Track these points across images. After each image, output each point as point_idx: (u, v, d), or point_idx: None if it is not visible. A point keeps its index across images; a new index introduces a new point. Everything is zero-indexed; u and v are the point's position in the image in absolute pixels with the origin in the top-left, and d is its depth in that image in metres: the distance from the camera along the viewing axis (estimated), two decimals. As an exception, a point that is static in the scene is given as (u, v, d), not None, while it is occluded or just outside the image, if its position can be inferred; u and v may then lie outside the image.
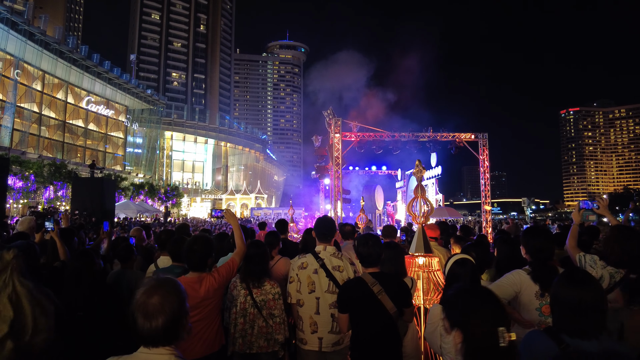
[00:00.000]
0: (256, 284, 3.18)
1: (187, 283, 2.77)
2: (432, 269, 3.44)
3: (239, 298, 3.20)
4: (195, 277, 2.84)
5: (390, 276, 2.68)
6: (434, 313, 2.31)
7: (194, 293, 2.75)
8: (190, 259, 2.86)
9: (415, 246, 3.50)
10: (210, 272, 2.90)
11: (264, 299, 3.15)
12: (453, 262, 2.45)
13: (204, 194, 68.87)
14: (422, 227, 3.55)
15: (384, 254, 2.78)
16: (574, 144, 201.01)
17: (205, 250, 2.86)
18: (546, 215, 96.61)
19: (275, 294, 3.17)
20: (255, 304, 3.13)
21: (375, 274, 2.65)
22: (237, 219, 3.30)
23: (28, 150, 37.61)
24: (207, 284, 2.81)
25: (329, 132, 15.62)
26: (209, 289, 2.81)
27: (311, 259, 3.13)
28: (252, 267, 3.21)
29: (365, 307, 2.57)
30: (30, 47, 37.06)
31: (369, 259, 2.69)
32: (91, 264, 3.10)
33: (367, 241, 2.72)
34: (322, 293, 3.01)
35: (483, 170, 16.18)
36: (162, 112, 62.21)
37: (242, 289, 3.21)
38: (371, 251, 2.68)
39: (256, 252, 3.26)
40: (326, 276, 3.02)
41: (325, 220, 3.30)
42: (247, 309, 3.15)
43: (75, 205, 19.05)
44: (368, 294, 2.55)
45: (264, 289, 3.18)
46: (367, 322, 2.57)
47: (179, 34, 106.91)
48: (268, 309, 3.14)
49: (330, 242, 3.20)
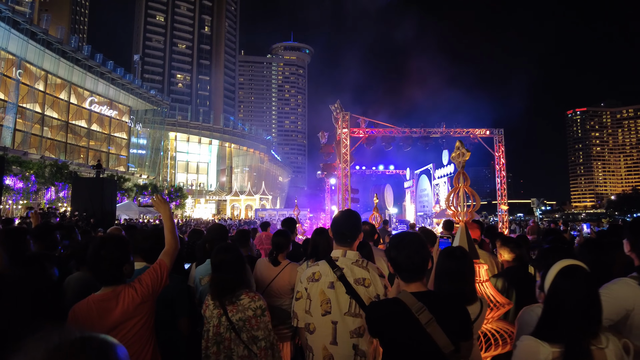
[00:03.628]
0: (231, 299, 2.43)
1: (97, 302, 2.11)
2: (480, 279, 2.66)
3: (212, 320, 2.46)
4: (109, 292, 2.14)
5: (444, 298, 1.88)
6: (529, 350, 1.53)
7: (107, 314, 2.08)
8: (98, 269, 2.14)
9: (458, 250, 2.72)
10: (129, 284, 2.19)
11: (243, 317, 2.39)
12: (558, 273, 1.62)
13: (208, 195, 68.22)
14: (465, 226, 2.77)
15: (445, 265, 1.99)
16: (580, 144, 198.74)
17: (117, 255, 2.15)
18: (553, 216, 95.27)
19: (256, 308, 2.41)
20: (232, 325, 2.38)
21: (420, 294, 1.84)
22: (169, 207, 2.62)
23: (30, 150, 37.16)
24: (125, 300, 2.11)
25: (336, 128, 14.83)
26: (129, 305, 2.11)
27: (326, 268, 2.29)
28: (221, 278, 2.48)
29: (406, 343, 1.78)
30: (32, 47, 36.65)
31: (410, 270, 1.87)
32: (37, 273, 2.37)
33: (404, 243, 1.89)
34: (340, 316, 2.18)
35: (499, 167, 15.31)
36: (166, 113, 61.77)
37: (214, 308, 2.47)
38: (414, 258, 1.86)
39: (224, 259, 2.52)
40: (346, 292, 2.19)
41: (347, 215, 2.43)
42: (222, 334, 2.41)
43: (76, 206, 18.49)
44: (410, 325, 1.76)
45: (241, 303, 2.42)
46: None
47: (184, 35, 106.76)
48: (249, 331, 2.37)
49: (353, 246, 2.36)
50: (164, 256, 2.41)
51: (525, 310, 2.06)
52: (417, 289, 1.87)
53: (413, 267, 1.87)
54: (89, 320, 2.08)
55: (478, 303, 2.15)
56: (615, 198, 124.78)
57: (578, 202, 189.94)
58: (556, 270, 1.59)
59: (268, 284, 3.34)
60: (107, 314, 2.07)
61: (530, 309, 2.05)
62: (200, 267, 3.31)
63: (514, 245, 3.20)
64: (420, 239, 1.91)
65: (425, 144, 15.12)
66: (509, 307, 2.66)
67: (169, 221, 2.52)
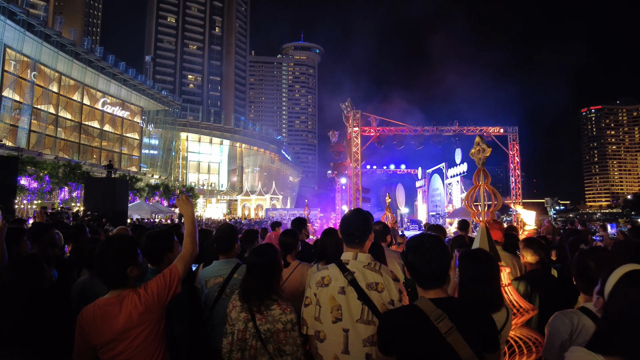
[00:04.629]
0: (260, 307, 2.24)
1: (102, 306, 1.98)
2: (502, 283, 2.48)
3: (237, 324, 2.27)
4: (114, 296, 2.01)
5: (466, 305, 1.71)
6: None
7: (112, 320, 1.95)
8: (102, 271, 2.02)
9: (478, 252, 2.54)
10: (135, 289, 2.04)
11: (271, 329, 2.20)
12: (622, 277, 1.37)
13: (219, 195, 68.58)
14: (486, 226, 2.59)
15: (470, 270, 1.82)
16: (595, 142, 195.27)
17: (121, 257, 2.01)
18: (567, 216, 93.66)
19: (287, 322, 2.20)
20: (259, 334, 2.19)
21: (440, 300, 1.68)
22: (193, 209, 2.43)
23: (44, 151, 37.67)
24: (128, 307, 1.97)
25: (347, 127, 14.64)
26: (131, 313, 1.96)
27: (335, 272, 2.13)
28: (249, 282, 2.29)
29: (424, 355, 1.62)
30: (47, 49, 37.13)
31: (429, 278, 1.71)
32: (32, 275, 2.25)
33: (424, 248, 1.72)
34: (352, 323, 2.03)
35: (513, 166, 14.98)
36: (177, 113, 62.21)
37: (242, 311, 2.27)
38: (433, 265, 1.68)
39: (255, 262, 2.31)
40: (358, 298, 2.03)
41: (357, 214, 2.26)
42: (246, 340, 2.22)
43: (88, 205, 18.63)
44: (429, 334, 1.60)
45: (270, 314, 2.22)
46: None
47: (195, 36, 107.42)
48: (276, 343, 2.19)
49: (363, 247, 2.19)
50: (179, 262, 2.21)
51: (557, 316, 1.88)
52: (436, 296, 1.70)
53: (432, 275, 1.71)
54: (93, 325, 1.97)
55: (504, 310, 1.98)
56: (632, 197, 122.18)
57: (593, 201, 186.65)
58: (619, 275, 1.40)
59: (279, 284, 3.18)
60: (111, 320, 1.95)
61: (562, 315, 1.87)
62: (207, 269, 3.17)
63: (538, 246, 3.00)
64: (441, 244, 1.74)
65: (437, 142, 14.85)
66: (533, 313, 2.48)
67: (190, 224, 2.32)
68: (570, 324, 1.83)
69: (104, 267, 2.01)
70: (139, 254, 2.10)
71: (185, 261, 2.22)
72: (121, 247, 2.04)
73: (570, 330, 1.82)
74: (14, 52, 34.95)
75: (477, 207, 2.62)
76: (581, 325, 1.82)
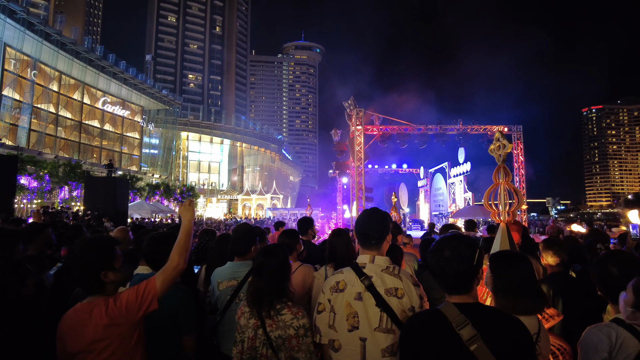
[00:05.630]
0: (270, 312, 2.09)
1: (77, 312, 1.83)
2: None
3: (246, 331, 2.12)
4: (86, 303, 1.85)
5: (494, 311, 1.55)
6: None
7: (82, 329, 1.79)
8: (77, 275, 1.86)
9: (499, 255, 2.39)
10: (107, 297, 1.87)
11: (283, 335, 2.05)
12: None
13: (220, 195, 68.46)
14: (506, 227, 2.44)
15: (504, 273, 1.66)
16: (596, 142, 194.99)
17: (95, 260, 1.84)
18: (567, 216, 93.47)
19: (299, 327, 2.05)
20: (269, 341, 2.04)
21: (466, 305, 1.52)
22: (193, 217, 2.18)
23: (45, 150, 37.56)
24: (95, 317, 1.79)
25: (349, 125, 14.50)
26: (97, 324, 1.78)
27: (351, 276, 1.97)
28: (258, 285, 2.13)
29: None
30: (47, 48, 36.98)
31: (453, 280, 1.55)
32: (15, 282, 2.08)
33: (446, 253, 1.56)
34: (370, 332, 1.88)
35: (517, 165, 14.85)
36: (178, 112, 62.08)
37: (251, 318, 2.11)
38: (460, 267, 1.53)
39: (265, 263, 2.16)
40: (376, 305, 1.88)
41: (371, 213, 2.11)
42: (257, 348, 2.07)
43: (88, 205, 18.51)
44: (451, 342, 1.45)
45: (281, 319, 2.07)
46: None
47: (195, 35, 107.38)
48: (288, 350, 2.04)
49: (381, 250, 2.04)
50: (159, 276, 1.94)
51: (592, 332, 1.72)
52: (461, 301, 1.55)
53: (451, 278, 1.55)
54: (67, 332, 1.82)
55: (535, 317, 1.83)
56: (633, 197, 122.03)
57: (593, 201, 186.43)
58: None
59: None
60: (82, 328, 1.79)
61: (597, 330, 1.71)
62: (221, 270, 2.99)
63: (559, 247, 2.85)
64: (463, 245, 1.56)
65: (441, 141, 14.70)
66: (559, 318, 2.33)
67: (184, 234, 2.05)
68: (608, 341, 1.66)
69: (76, 271, 1.85)
70: (116, 258, 1.92)
71: (167, 275, 1.94)
72: (94, 250, 1.87)
73: (609, 347, 1.65)
74: (14, 51, 34.81)
75: (497, 206, 2.48)
76: (620, 340, 1.66)
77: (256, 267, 2.20)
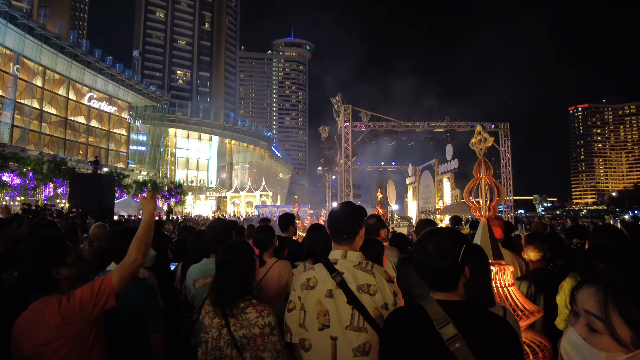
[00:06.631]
0: (233, 311, 1.99)
1: (30, 313, 1.73)
2: (504, 283, 2.28)
3: (210, 331, 2.02)
4: (39, 302, 1.76)
5: (482, 313, 1.45)
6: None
7: (35, 329, 1.69)
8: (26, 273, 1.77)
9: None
10: (60, 295, 1.76)
11: (247, 335, 1.95)
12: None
13: (208, 192, 67.87)
14: (487, 222, 2.38)
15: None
16: (582, 141, 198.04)
17: (44, 256, 1.75)
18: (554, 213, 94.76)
19: (264, 325, 1.96)
20: (234, 341, 1.94)
21: (450, 303, 1.44)
22: (154, 210, 2.09)
23: (29, 147, 36.84)
24: (47, 316, 1.69)
25: (338, 122, 14.41)
26: (49, 324, 1.68)
27: (323, 273, 1.89)
28: (219, 282, 2.04)
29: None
30: (30, 42, 36.24)
31: (434, 276, 1.46)
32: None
33: (426, 240, 1.48)
34: (341, 330, 1.79)
35: (504, 162, 14.92)
36: (166, 109, 61.39)
37: (215, 317, 2.02)
38: (441, 262, 1.44)
39: (225, 260, 2.07)
40: (347, 302, 1.80)
41: (345, 207, 2.03)
42: (221, 349, 1.97)
43: (73, 202, 18.16)
44: (431, 341, 1.37)
45: (246, 318, 1.97)
46: None
47: (184, 31, 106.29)
48: (254, 350, 1.94)
49: (354, 245, 1.95)
50: (116, 272, 1.84)
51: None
52: (446, 298, 1.46)
53: (433, 274, 1.46)
54: (20, 334, 1.72)
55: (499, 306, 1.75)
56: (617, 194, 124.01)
57: (579, 198, 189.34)
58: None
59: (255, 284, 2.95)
60: (34, 329, 1.69)
61: None
62: (195, 267, 2.90)
63: (540, 242, 2.80)
64: (447, 240, 1.47)
65: (429, 138, 14.73)
66: (539, 315, 2.28)
67: (144, 228, 1.96)
68: None
69: (26, 270, 1.75)
70: (67, 252, 1.82)
71: (124, 271, 1.84)
72: (42, 247, 1.76)
73: None
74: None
75: (478, 202, 2.41)
76: None
77: (217, 264, 2.11)
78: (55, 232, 2.00)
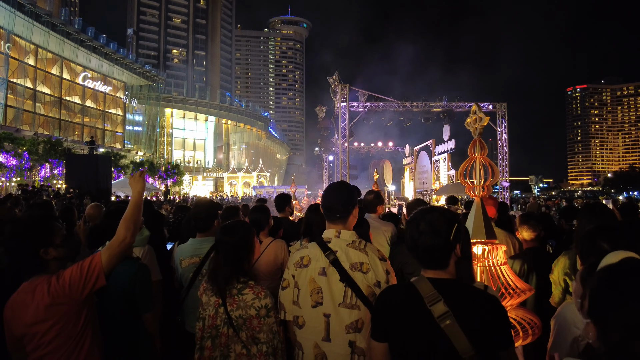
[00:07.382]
0: (231, 291, 2.01)
1: (20, 293, 1.74)
2: (496, 262, 2.30)
3: (207, 308, 2.05)
4: (28, 283, 1.76)
5: (473, 290, 1.47)
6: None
7: (24, 310, 1.70)
8: (15, 254, 1.78)
9: (473, 229, 2.35)
10: (49, 276, 1.76)
11: (243, 315, 1.97)
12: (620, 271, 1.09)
13: (205, 172, 67.84)
14: (481, 202, 2.39)
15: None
16: (579, 122, 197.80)
17: (31, 237, 1.74)
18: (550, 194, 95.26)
19: (261, 307, 1.97)
20: (230, 320, 1.97)
21: (441, 281, 1.45)
22: (143, 190, 2.12)
23: (23, 127, 36.49)
24: (36, 297, 1.70)
25: (334, 102, 14.29)
26: (38, 304, 1.69)
27: (316, 251, 1.91)
28: (216, 262, 2.06)
29: (417, 342, 1.42)
30: (20, 19, 35.39)
31: (426, 254, 1.47)
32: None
33: (423, 220, 1.47)
34: (334, 307, 1.82)
35: (501, 143, 14.91)
36: (161, 89, 60.75)
37: (212, 295, 2.04)
38: (434, 240, 1.44)
39: (226, 240, 2.07)
40: (340, 280, 1.82)
41: (339, 187, 2.03)
42: (218, 327, 2.00)
43: (70, 183, 18.12)
44: (422, 318, 1.39)
45: (242, 299, 1.99)
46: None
47: (179, 9, 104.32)
48: (250, 330, 1.97)
49: (347, 224, 1.96)
50: (105, 251, 1.85)
51: (568, 307, 1.68)
52: (436, 276, 1.48)
53: (425, 252, 1.47)
54: (11, 314, 1.73)
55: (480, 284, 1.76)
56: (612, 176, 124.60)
57: (575, 179, 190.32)
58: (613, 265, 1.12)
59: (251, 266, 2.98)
60: (24, 310, 1.70)
61: (574, 306, 1.67)
62: (182, 247, 2.93)
63: (535, 222, 2.82)
64: (438, 219, 1.47)
65: (426, 118, 14.64)
66: (530, 293, 2.31)
67: (132, 207, 1.96)
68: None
69: (14, 251, 1.75)
70: (55, 233, 1.81)
71: (112, 250, 1.86)
72: (29, 228, 1.76)
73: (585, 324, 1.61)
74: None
75: (472, 182, 2.42)
76: None
77: (215, 245, 2.13)
78: (43, 213, 2.00)
